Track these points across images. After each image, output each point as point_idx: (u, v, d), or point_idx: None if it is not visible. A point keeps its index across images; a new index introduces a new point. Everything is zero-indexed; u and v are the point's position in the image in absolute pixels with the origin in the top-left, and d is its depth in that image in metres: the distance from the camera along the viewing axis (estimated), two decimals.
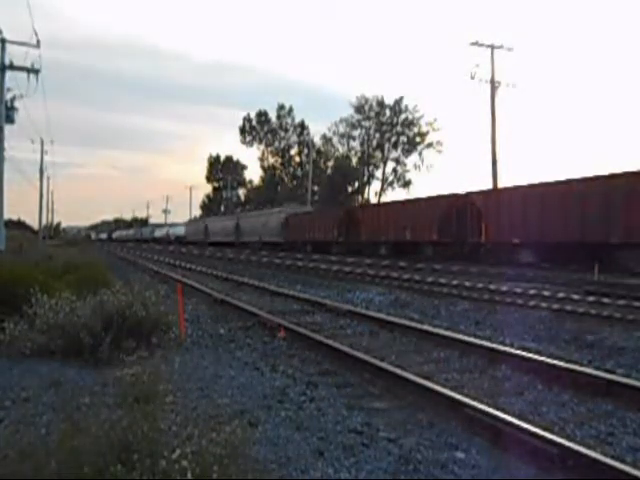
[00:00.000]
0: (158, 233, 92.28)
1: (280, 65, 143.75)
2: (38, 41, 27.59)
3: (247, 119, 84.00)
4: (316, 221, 42.09)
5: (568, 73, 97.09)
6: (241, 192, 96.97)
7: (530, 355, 6.65)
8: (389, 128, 70.15)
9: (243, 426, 3.68)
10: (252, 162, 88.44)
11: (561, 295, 12.65)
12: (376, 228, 33.38)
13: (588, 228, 19.79)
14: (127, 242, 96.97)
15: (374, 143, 71.70)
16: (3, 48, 27.66)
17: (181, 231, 79.80)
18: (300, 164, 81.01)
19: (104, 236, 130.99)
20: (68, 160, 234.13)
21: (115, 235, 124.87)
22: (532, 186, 22.72)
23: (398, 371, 5.86)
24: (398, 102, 68.59)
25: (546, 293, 13.05)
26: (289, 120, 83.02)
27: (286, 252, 40.50)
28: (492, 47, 34.25)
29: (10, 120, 28.94)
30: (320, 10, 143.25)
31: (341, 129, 73.80)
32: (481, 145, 79.59)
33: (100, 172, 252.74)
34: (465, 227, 26.23)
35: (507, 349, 7.09)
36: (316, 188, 71.05)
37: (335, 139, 75.27)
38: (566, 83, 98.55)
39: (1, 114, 27.40)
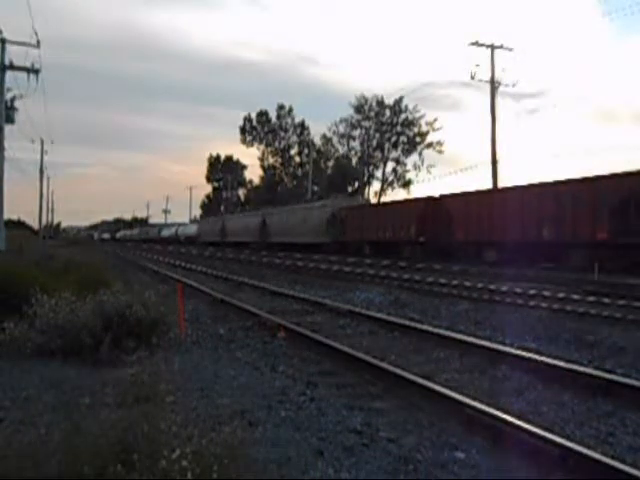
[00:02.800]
0: (166, 233, 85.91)
1: (280, 65, 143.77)
2: (38, 41, 27.66)
3: (247, 119, 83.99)
4: (381, 216, 32.69)
5: (568, 73, 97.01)
6: (241, 192, 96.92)
7: (530, 355, 6.66)
8: (389, 128, 70.08)
9: (243, 426, 3.68)
10: (252, 162, 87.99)
11: (561, 295, 12.66)
12: (482, 223, 24.43)
13: None
14: (131, 242, 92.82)
15: (374, 143, 71.62)
16: (3, 48, 27.68)
17: (192, 230, 72.66)
18: (300, 164, 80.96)
19: (107, 236, 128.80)
20: (68, 160, 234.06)
21: (119, 235, 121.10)
22: None
23: (398, 371, 5.86)
24: (398, 102, 68.53)
25: (546, 293, 13.05)
26: (289, 120, 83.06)
27: (335, 256, 32.09)
28: (492, 47, 34.23)
29: (10, 120, 28.97)
30: (320, 9, 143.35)
31: (341, 129, 73.78)
32: (481, 145, 79.65)
33: (100, 172, 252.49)
34: None
35: (507, 349, 7.09)
36: (316, 188, 71.02)
37: (335, 139, 75.24)
38: (566, 82, 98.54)
39: (1, 114, 27.43)
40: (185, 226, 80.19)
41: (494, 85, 34.13)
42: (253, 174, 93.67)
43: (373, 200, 62.95)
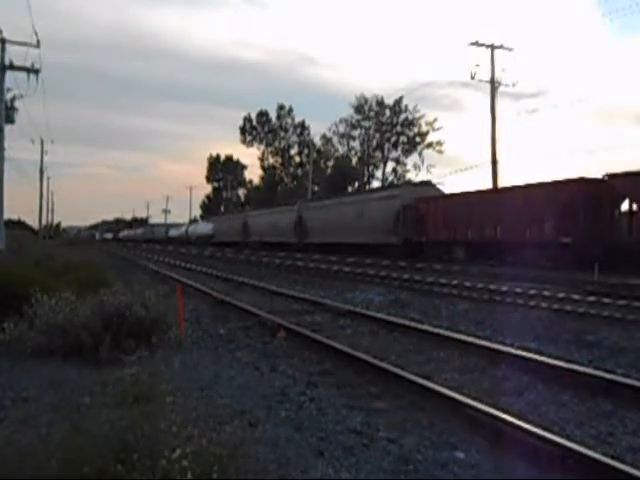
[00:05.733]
0: (174, 233, 78.44)
1: (280, 65, 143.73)
2: (38, 41, 27.63)
3: (247, 119, 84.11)
4: (487, 207, 23.78)
5: (568, 73, 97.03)
6: (241, 192, 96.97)
7: (530, 355, 6.66)
8: (389, 128, 70.17)
9: (243, 426, 3.68)
10: (252, 162, 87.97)
11: (561, 295, 12.66)
12: None
13: None
14: (133, 243, 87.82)
15: (374, 143, 71.73)
16: (3, 48, 27.68)
17: (206, 229, 64.85)
18: (300, 164, 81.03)
19: (109, 236, 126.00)
20: (68, 160, 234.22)
21: (122, 235, 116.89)
22: None
23: (398, 371, 5.86)
24: (398, 102, 68.59)
25: (546, 293, 13.05)
26: (289, 120, 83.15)
27: (405, 261, 25.17)
28: (492, 47, 34.24)
29: (10, 120, 28.96)
30: (320, 9, 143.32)
31: (341, 129, 73.90)
32: (481, 145, 79.64)
33: (100, 172, 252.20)
34: None
35: (507, 349, 7.09)
36: (316, 188, 71.04)
37: (335, 139, 75.40)
38: (566, 82, 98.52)
39: (1, 114, 27.42)
40: (197, 225, 72.70)
41: (494, 85, 34.13)
42: (253, 174, 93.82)
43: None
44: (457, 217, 25.68)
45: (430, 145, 68.24)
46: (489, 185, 32.61)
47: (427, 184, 32.90)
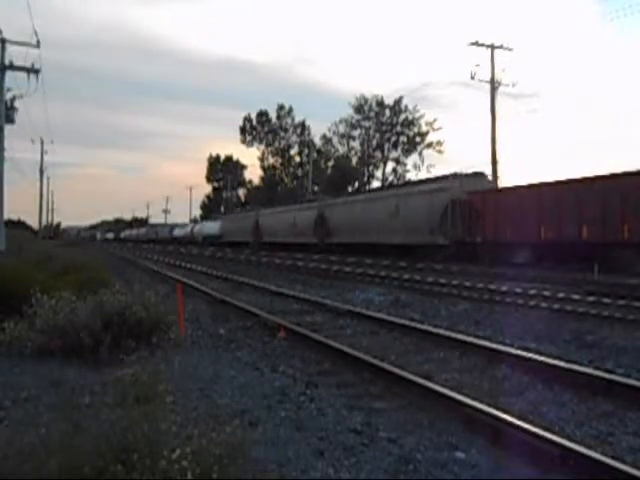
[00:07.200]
0: (179, 232, 76.14)
1: (280, 65, 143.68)
2: (38, 41, 27.65)
3: (247, 119, 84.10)
4: (567, 201, 19.92)
5: (568, 72, 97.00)
6: (241, 192, 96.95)
7: (530, 355, 6.66)
8: (389, 128, 70.18)
9: (243, 426, 3.68)
10: (252, 162, 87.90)
11: (561, 295, 12.65)
12: None
13: None
14: (135, 243, 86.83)
15: (374, 143, 71.73)
16: (3, 48, 27.70)
17: (213, 229, 61.90)
18: (300, 164, 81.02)
19: (110, 236, 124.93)
20: (68, 160, 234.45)
21: (124, 235, 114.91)
22: None
23: (398, 371, 5.86)
24: (398, 102, 68.62)
25: (546, 293, 13.05)
26: (289, 120, 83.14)
27: (458, 264, 21.85)
28: (492, 47, 34.24)
29: (10, 120, 28.97)
30: (320, 10, 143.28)
31: (341, 129, 73.93)
32: (481, 145, 79.67)
33: (100, 172, 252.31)
34: None
35: (507, 349, 7.09)
36: (316, 188, 71.01)
37: (335, 139, 75.42)
38: (566, 82, 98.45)
39: (1, 114, 27.43)
40: (203, 224, 70.20)
41: (494, 85, 34.12)
42: (253, 174, 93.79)
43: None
44: (524, 213, 21.67)
45: (430, 145, 68.27)
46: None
47: (479, 176, 27.74)
